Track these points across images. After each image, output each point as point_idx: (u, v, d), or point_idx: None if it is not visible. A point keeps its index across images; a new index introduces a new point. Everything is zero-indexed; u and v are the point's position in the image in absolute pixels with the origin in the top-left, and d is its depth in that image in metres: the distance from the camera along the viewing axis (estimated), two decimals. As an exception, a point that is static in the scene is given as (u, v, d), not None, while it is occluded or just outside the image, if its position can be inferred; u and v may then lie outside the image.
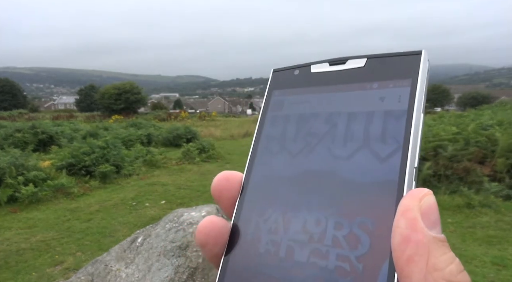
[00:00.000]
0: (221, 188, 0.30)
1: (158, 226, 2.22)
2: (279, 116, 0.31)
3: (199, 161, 8.86)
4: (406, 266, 0.20)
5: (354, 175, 0.25)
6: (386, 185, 0.24)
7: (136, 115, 30.64)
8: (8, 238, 4.12)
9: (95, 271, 2.13)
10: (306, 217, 0.26)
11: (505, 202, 4.79)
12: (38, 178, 5.78)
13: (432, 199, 0.22)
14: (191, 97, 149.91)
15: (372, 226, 0.23)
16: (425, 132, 6.32)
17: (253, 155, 0.31)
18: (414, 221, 0.21)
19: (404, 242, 0.20)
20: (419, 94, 0.26)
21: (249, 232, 0.28)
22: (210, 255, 0.28)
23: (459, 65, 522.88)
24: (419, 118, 0.25)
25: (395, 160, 0.24)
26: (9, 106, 48.19)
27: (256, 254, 0.26)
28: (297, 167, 0.28)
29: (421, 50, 0.27)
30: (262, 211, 0.28)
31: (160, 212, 4.96)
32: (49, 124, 12.94)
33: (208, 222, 0.28)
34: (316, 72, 0.31)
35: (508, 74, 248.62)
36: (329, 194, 0.26)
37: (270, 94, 0.33)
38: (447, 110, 29.28)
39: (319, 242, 0.24)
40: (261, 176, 0.30)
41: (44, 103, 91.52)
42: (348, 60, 0.30)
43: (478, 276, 2.99)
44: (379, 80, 0.28)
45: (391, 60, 0.28)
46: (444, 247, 0.21)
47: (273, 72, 0.34)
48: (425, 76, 0.26)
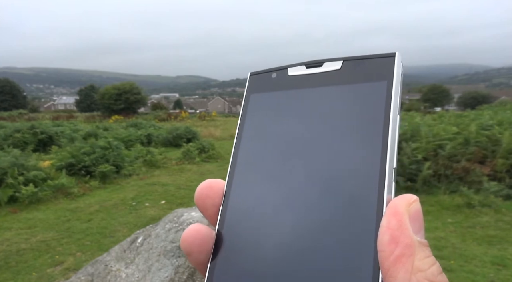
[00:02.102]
0: (204, 197, 0.30)
1: (158, 226, 2.22)
2: (258, 120, 0.31)
3: (199, 161, 8.86)
4: (392, 266, 0.21)
5: (335, 176, 0.26)
6: (366, 186, 0.24)
7: (136, 115, 30.64)
8: (8, 238, 4.12)
9: (95, 271, 2.13)
10: (290, 220, 0.26)
11: (505, 201, 4.79)
12: (38, 178, 5.78)
13: (419, 205, 0.23)
14: (191, 97, 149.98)
15: (354, 227, 0.24)
16: (425, 132, 6.32)
17: (234, 161, 0.31)
18: (403, 224, 0.22)
19: (393, 242, 0.21)
20: (394, 95, 0.26)
21: (233, 239, 0.28)
22: (196, 263, 0.29)
23: (459, 65, 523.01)
24: (395, 119, 0.26)
25: (374, 162, 0.25)
26: (9, 107, 48.17)
27: (241, 260, 0.26)
28: (278, 171, 0.28)
29: (394, 52, 0.27)
30: (246, 217, 0.28)
31: (160, 212, 4.96)
32: (48, 124, 12.95)
33: (192, 230, 0.28)
34: (293, 75, 0.31)
35: (508, 74, 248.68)
36: (311, 197, 0.26)
37: (248, 98, 0.33)
38: (447, 110, 29.26)
39: (304, 246, 0.24)
40: (243, 181, 0.30)
41: (44, 103, 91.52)
42: (325, 63, 0.30)
43: (478, 275, 2.99)
44: (355, 83, 0.28)
45: (366, 62, 0.28)
46: (427, 251, 0.22)
47: (250, 76, 0.34)
48: (400, 78, 0.27)
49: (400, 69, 0.27)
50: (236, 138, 0.32)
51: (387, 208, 0.23)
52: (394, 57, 0.27)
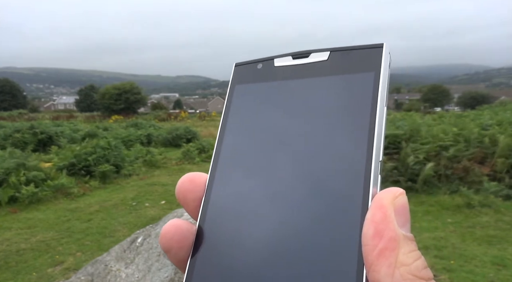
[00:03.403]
0: (185, 190, 0.29)
1: (158, 226, 2.22)
2: (243, 113, 0.30)
3: (199, 161, 8.86)
4: (376, 260, 0.21)
5: (320, 169, 0.25)
6: (351, 179, 0.24)
7: (136, 115, 30.64)
8: (8, 238, 4.12)
9: (95, 271, 2.13)
10: (273, 215, 0.25)
11: (505, 201, 4.79)
12: (38, 178, 5.78)
13: (405, 199, 0.23)
14: (191, 97, 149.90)
15: (339, 221, 0.23)
16: (425, 133, 6.32)
17: (217, 154, 0.30)
18: (388, 217, 0.21)
19: (378, 236, 0.21)
20: (382, 87, 0.26)
21: (214, 234, 0.27)
22: (176, 260, 0.27)
23: (459, 65, 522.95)
24: (382, 111, 0.25)
25: (360, 154, 0.24)
26: (9, 107, 48.16)
27: (222, 257, 0.26)
28: (263, 163, 0.27)
29: (382, 43, 0.27)
30: (228, 212, 0.27)
31: (160, 212, 4.96)
32: (48, 124, 12.95)
33: (170, 226, 0.27)
34: (279, 66, 0.30)
35: (508, 74, 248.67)
36: (296, 191, 0.25)
37: (232, 89, 0.32)
38: (447, 110, 29.27)
39: (287, 241, 0.24)
40: (225, 175, 0.29)
41: (44, 103, 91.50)
42: (312, 54, 0.29)
43: (478, 275, 2.99)
44: (342, 74, 0.28)
45: (353, 53, 0.28)
46: (412, 245, 0.22)
47: (235, 67, 0.33)
48: (387, 69, 0.26)
49: (387, 61, 0.26)
50: (220, 131, 0.31)
51: (372, 201, 0.23)
52: (381, 48, 0.27)
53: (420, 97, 59.60)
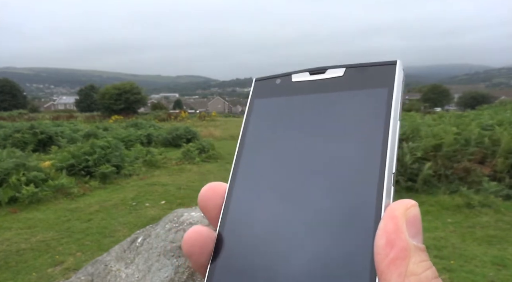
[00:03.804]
0: (207, 198, 0.30)
1: (158, 226, 2.22)
2: (262, 125, 0.32)
3: (199, 161, 8.86)
4: (387, 269, 0.21)
5: (336, 182, 0.26)
6: (366, 191, 0.25)
7: (136, 115, 30.64)
8: (8, 238, 4.12)
9: (95, 271, 2.13)
10: (290, 224, 0.26)
11: (505, 201, 4.79)
12: (38, 178, 5.79)
13: (417, 210, 0.24)
14: (191, 97, 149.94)
15: (353, 232, 0.24)
16: (425, 133, 6.32)
17: (237, 165, 0.31)
18: (399, 228, 0.22)
19: (389, 245, 0.22)
20: (395, 102, 0.27)
21: (234, 240, 0.28)
22: (197, 265, 0.28)
23: (459, 65, 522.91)
24: (395, 125, 0.26)
25: (374, 167, 0.25)
26: (9, 107, 48.17)
27: (241, 262, 0.27)
28: (279, 174, 0.29)
29: (396, 60, 0.28)
30: (246, 219, 0.28)
31: (160, 212, 4.96)
32: (48, 124, 12.96)
33: (193, 232, 0.28)
34: (297, 81, 0.32)
35: (508, 74, 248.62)
36: (312, 202, 0.26)
37: (252, 103, 0.33)
38: (447, 110, 29.28)
39: (303, 250, 0.25)
40: (244, 186, 0.30)
41: (44, 103, 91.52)
42: (328, 70, 0.30)
43: (478, 276, 2.99)
44: (357, 89, 0.29)
45: (368, 69, 0.29)
46: (423, 255, 0.22)
47: (255, 82, 0.34)
48: (401, 85, 0.28)
49: (401, 77, 0.28)
50: (239, 143, 0.32)
51: (385, 212, 0.23)
52: (395, 65, 0.28)
53: (420, 97, 59.63)
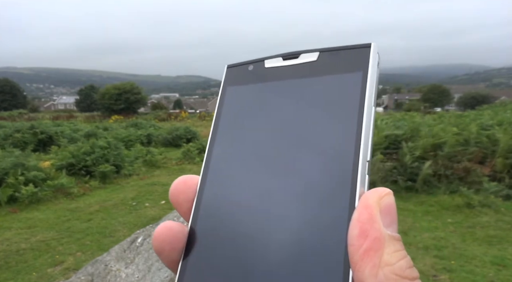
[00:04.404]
0: (178, 192, 0.29)
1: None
2: (234, 114, 0.31)
3: (199, 161, 8.86)
4: (360, 260, 0.21)
5: (310, 169, 0.25)
6: (339, 179, 0.24)
7: (136, 115, 30.65)
8: (8, 238, 4.12)
9: (95, 271, 2.13)
10: (264, 216, 0.25)
11: (505, 202, 4.79)
12: (38, 178, 5.79)
13: (392, 199, 0.23)
14: (191, 97, 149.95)
15: (326, 221, 0.23)
16: (425, 132, 6.32)
17: (209, 155, 0.30)
18: (373, 217, 0.22)
19: (363, 236, 0.21)
20: (369, 86, 0.26)
21: (206, 235, 0.27)
22: (169, 262, 0.27)
23: (459, 65, 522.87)
24: (370, 111, 0.25)
25: (347, 154, 0.24)
26: (9, 107, 48.19)
27: (213, 257, 0.26)
28: (253, 165, 0.28)
29: (370, 43, 0.27)
30: (219, 213, 0.27)
31: (160, 212, 4.96)
32: (48, 124, 12.97)
33: (163, 228, 0.27)
34: (270, 67, 0.31)
35: (508, 74, 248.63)
36: (285, 190, 0.25)
37: (224, 91, 0.32)
38: (447, 111, 29.29)
39: (277, 242, 0.24)
40: (217, 177, 0.29)
41: (44, 103, 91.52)
42: (301, 54, 0.30)
43: (478, 276, 2.99)
44: (331, 74, 0.28)
45: (342, 53, 0.28)
46: (398, 245, 0.21)
47: (227, 68, 0.33)
48: (375, 68, 0.27)
49: (376, 60, 0.27)
50: (212, 132, 0.31)
51: (359, 201, 0.23)
52: (369, 48, 0.27)
53: (420, 97, 59.59)
